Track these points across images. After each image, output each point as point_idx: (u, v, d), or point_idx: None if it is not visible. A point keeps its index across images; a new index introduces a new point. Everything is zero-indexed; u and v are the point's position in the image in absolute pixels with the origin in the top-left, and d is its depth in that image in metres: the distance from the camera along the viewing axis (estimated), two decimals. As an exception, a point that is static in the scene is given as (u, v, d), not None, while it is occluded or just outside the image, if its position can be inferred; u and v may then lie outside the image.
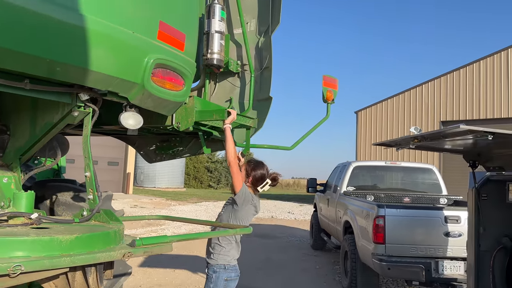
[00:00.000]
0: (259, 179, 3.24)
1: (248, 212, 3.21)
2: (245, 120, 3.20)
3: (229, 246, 3.19)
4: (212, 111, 2.95)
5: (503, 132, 2.34)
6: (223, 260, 3.18)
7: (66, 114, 2.24)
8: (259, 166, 3.28)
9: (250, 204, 3.19)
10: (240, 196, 3.09)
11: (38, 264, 1.47)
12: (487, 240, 3.54)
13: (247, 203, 3.15)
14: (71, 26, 1.85)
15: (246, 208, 3.17)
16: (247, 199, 3.14)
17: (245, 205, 3.14)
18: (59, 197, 3.54)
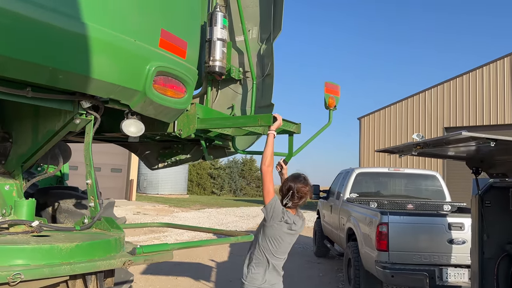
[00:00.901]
0: (287, 189, 2.89)
1: (279, 230, 2.80)
2: (288, 126, 3.02)
3: (262, 268, 2.85)
4: (257, 117, 2.80)
5: (505, 138, 2.33)
6: (252, 284, 2.85)
7: (68, 122, 2.25)
8: (296, 178, 2.91)
9: (281, 221, 2.79)
10: (267, 209, 2.77)
11: (38, 272, 1.47)
12: (491, 247, 3.51)
13: (276, 218, 2.77)
14: (72, 34, 1.86)
15: (276, 225, 2.78)
16: (276, 214, 2.77)
17: (274, 221, 2.78)
18: (61, 204, 3.54)
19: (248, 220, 16.80)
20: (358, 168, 7.76)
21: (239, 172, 41.30)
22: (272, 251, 2.85)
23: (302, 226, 2.94)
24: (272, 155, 2.79)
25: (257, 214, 19.46)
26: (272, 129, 2.78)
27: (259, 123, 2.78)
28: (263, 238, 2.84)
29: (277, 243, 2.83)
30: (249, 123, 2.84)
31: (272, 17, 3.56)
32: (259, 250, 2.87)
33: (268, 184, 2.76)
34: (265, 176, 2.76)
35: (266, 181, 2.76)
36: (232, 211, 20.66)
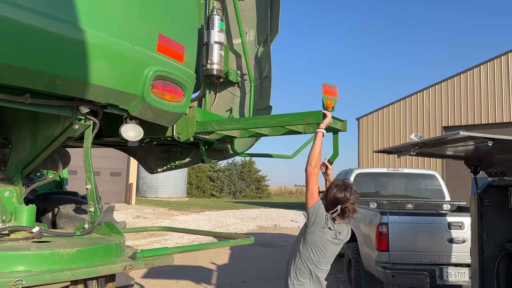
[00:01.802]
0: (333, 201, 2.63)
1: (322, 237, 2.57)
2: (334, 123, 2.85)
3: (306, 279, 2.63)
4: (304, 114, 2.60)
5: (503, 138, 2.34)
6: None
7: (67, 127, 2.26)
8: (341, 187, 2.67)
9: (324, 227, 2.57)
10: (309, 213, 2.57)
11: (40, 278, 1.48)
12: (490, 246, 3.52)
13: (319, 224, 2.56)
14: (70, 41, 1.87)
15: (318, 232, 2.57)
16: (319, 220, 2.55)
17: (316, 227, 2.56)
18: (61, 210, 3.55)
19: (248, 222, 16.79)
20: (357, 168, 7.77)
21: (239, 174, 41.28)
22: (314, 260, 2.60)
23: (347, 235, 2.69)
24: (319, 155, 2.60)
25: (257, 216, 19.46)
26: (322, 127, 2.60)
27: (307, 121, 2.59)
28: (304, 245, 2.62)
29: (320, 252, 2.59)
30: (295, 121, 2.63)
31: (269, 20, 3.57)
32: (300, 259, 2.64)
33: (313, 186, 2.57)
34: (310, 177, 2.57)
35: (311, 182, 2.57)
36: (232, 213, 20.65)
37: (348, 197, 2.62)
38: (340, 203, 2.59)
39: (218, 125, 2.84)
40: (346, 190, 2.65)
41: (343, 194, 2.62)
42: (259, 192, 41.33)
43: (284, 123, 2.68)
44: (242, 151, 3.65)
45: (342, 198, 2.61)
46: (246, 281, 7.18)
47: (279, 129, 3.02)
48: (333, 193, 2.63)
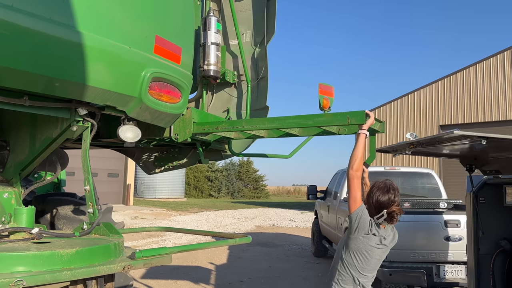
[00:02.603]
0: (376, 206, 2.50)
1: (366, 243, 2.46)
2: (374, 124, 2.73)
3: (347, 286, 2.52)
4: (346, 114, 2.50)
5: (496, 136, 2.37)
6: None
7: (65, 129, 2.27)
8: (383, 190, 2.54)
9: (368, 233, 2.45)
10: (352, 218, 2.45)
11: (40, 278, 1.50)
12: (486, 244, 3.56)
13: (362, 230, 2.44)
14: (68, 43, 1.89)
15: (361, 238, 2.45)
16: (363, 226, 2.43)
17: (359, 233, 2.45)
18: (60, 211, 3.56)
19: (246, 222, 16.81)
20: (354, 167, 7.80)
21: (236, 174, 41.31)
22: (358, 267, 2.49)
23: (393, 239, 2.57)
24: (362, 158, 2.47)
25: (255, 215, 19.49)
26: (365, 128, 2.48)
27: (349, 121, 2.48)
28: (347, 251, 2.51)
29: (364, 258, 2.47)
30: (335, 122, 2.53)
31: (265, 21, 3.60)
32: (343, 266, 2.53)
33: (356, 191, 2.44)
34: (352, 181, 2.45)
35: (353, 186, 2.44)
36: (230, 213, 20.68)
37: (392, 200, 2.49)
38: (385, 207, 2.46)
39: (248, 124, 2.77)
40: (389, 192, 2.51)
41: (386, 197, 2.49)
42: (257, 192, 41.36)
43: (323, 123, 2.58)
44: (239, 152, 3.67)
45: (386, 201, 2.48)
46: (245, 280, 7.20)
47: (311, 129, 2.92)
48: (375, 197, 2.51)
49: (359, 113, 2.46)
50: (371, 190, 2.59)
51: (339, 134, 2.84)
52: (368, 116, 2.45)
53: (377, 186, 2.58)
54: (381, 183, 2.61)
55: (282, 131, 3.00)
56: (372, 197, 2.53)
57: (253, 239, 12.10)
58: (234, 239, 2.49)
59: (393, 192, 2.52)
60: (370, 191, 2.59)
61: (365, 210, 2.46)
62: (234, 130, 2.84)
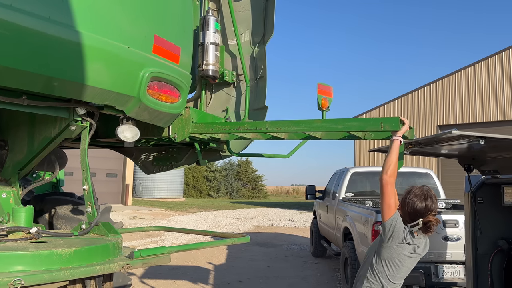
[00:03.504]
0: (412, 213, 2.39)
1: (399, 252, 2.37)
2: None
3: None
4: (380, 120, 2.43)
5: (494, 136, 2.38)
6: None
7: (64, 129, 2.27)
8: (420, 197, 2.43)
9: (402, 242, 2.35)
10: (386, 227, 2.35)
11: (38, 278, 1.50)
12: (484, 243, 3.57)
13: (396, 239, 2.34)
14: (67, 43, 1.89)
15: (395, 247, 2.36)
16: (397, 235, 2.33)
17: (393, 241, 2.36)
18: (58, 211, 3.56)
19: (245, 222, 16.82)
20: (353, 167, 7.82)
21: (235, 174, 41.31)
22: (388, 275, 2.42)
23: (425, 247, 2.48)
24: (396, 164, 2.40)
25: (253, 215, 19.50)
26: (399, 134, 2.39)
27: (382, 128, 2.39)
28: (378, 260, 2.42)
29: (395, 267, 2.38)
30: (368, 128, 2.45)
31: (263, 20, 3.60)
32: (373, 273, 2.46)
33: (389, 197, 2.35)
34: (385, 187, 2.36)
35: (387, 193, 2.35)
36: (229, 213, 20.68)
37: (430, 208, 2.38)
38: (421, 216, 2.36)
39: (272, 126, 2.69)
40: (427, 200, 2.39)
41: (423, 205, 2.38)
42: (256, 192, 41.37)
43: (355, 128, 2.50)
44: (238, 151, 3.68)
45: (423, 209, 2.37)
46: (243, 280, 7.20)
47: (334, 133, 2.79)
48: (411, 204, 2.39)
49: (393, 120, 2.39)
50: (407, 197, 2.47)
51: (365, 139, 2.74)
52: (403, 122, 2.37)
53: (414, 193, 2.46)
54: (418, 189, 2.50)
55: (304, 134, 2.87)
56: (408, 203, 2.41)
57: (252, 239, 12.11)
58: (233, 239, 2.49)
59: (430, 200, 2.41)
60: (406, 198, 2.48)
61: (399, 218, 2.36)
62: (257, 131, 2.76)
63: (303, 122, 2.66)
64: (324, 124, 2.63)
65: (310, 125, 2.64)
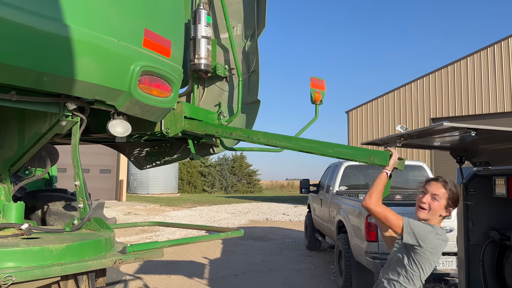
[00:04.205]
0: (456, 200, 2.42)
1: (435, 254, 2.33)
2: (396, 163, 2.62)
3: None
4: (370, 152, 2.45)
5: (485, 128, 2.39)
6: None
7: (54, 124, 2.25)
8: (452, 184, 2.45)
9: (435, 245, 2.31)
10: (406, 233, 2.27)
11: (29, 274, 1.48)
12: (476, 234, 3.60)
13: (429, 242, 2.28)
14: (57, 37, 1.87)
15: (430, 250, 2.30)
16: (424, 235, 2.27)
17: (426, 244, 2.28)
18: (51, 207, 3.54)
19: (240, 216, 16.85)
20: (346, 161, 7.84)
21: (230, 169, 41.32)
22: (421, 277, 2.34)
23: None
24: (381, 193, 2.38)
25: (248, 210, 19.54)
26: (388, 169, 2.44)
27: (371, 160, 2.43)
28: (412, 264, 2.30)
29: (431, 267, 2.32)
30: (357, 158, 2.47)
31: (255, 14, 3.58)
32: (407, 278, 2.33)
33: (386, 215, 2.31)
34: (377, 212, 2.33)
35: (384, 215, 2.31)
36: (224, 208, 20.70)
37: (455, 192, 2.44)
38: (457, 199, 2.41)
39: (264, 138, 2.72)
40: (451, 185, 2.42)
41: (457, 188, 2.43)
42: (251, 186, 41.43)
43: (344, 155, 2.52)
44: (231, 146, 3.67)
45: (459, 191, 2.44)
46: (238, 274, 7.23)
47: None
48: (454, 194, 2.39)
49: (383, 154, 2.41)
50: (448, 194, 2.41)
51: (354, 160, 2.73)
52: (391, 154, 2.41)
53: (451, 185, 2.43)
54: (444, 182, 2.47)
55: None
56: (451, 196, 2.39)
57: (247, 233, 12.15)
58: (226, 233, 2.49)
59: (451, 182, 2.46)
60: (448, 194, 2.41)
61: (414, 222, 2.30)
62: (248, 140, 2.80)
63: (294, 140, 2.68)
64: (315, 145, 2.63)
65: (302, 144, 2.66)
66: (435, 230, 2.34)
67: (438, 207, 2.39)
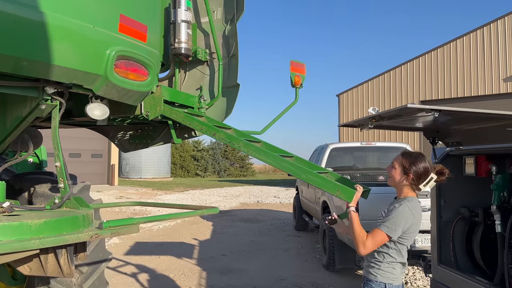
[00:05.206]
0: (422, 174, 2.55)
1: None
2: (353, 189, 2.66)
3: (393, 262, 2.51)
4: (338, 186, 2.57)
5: (447, 109, 2.51)
6: (384, 278, 2.49)
7: (34, 108, 2.33)
8: (420, 158, 2.58)
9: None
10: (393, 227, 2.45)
11: (9, 246, 1.59)
12: (448, 212, 3.76)
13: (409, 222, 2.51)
14: (33, 23, 1.94)
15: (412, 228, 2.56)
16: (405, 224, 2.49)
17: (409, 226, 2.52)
18: (37, 189, 3.63)
19: (231, 199, 17.04)
20: (332, 143, 7.98)
21: (222, 153, 41.45)
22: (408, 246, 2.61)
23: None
24: (362, 232, 2.47)
25: (240, 193, 19.74)
26: (352, 205, 2.54)
27: (338, 194, 2.55)
28: (400, 239, 2.50)
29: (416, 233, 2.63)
30: (326, 188, 2.60)
31: None
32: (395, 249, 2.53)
33: (379, 241, 2.44)
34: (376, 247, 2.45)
35: (378, 244, 2.45)
36: (216, 191, 20.89)
37: (430, 162, 2.59)
38: (432, 170, 2.55)
39: (245, 147, 2.84)
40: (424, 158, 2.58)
41: (426, 163, 2.55)
42: (243, 170, 41.67)
43: (315, 183, 2.63)
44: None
45: (428, 165, 2.55)
46: (227, 254, 7.41)
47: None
48: (420, 167, 2.53)
49: (349, 192, 2.53)
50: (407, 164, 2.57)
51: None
52: (356, 190, 2.53)
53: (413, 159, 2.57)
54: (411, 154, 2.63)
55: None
56: (415, 168, 2.53)
57: (237, 216, 12.36)
58: (202, 210, 2.61)
59: (426, 158, 2.61)
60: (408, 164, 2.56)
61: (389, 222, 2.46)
62: (230, 144, 2.91)
63: (272, 156, 2.79)
64: (291, 167, 2.74)
65: (279, 163, 2.77)
66: (409, 210, 2.52)
67: (395, 174, 2.60)
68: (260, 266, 6.59)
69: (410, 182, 2.56)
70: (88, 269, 3.43)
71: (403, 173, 2.57)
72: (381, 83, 20.39)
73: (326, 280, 5.87)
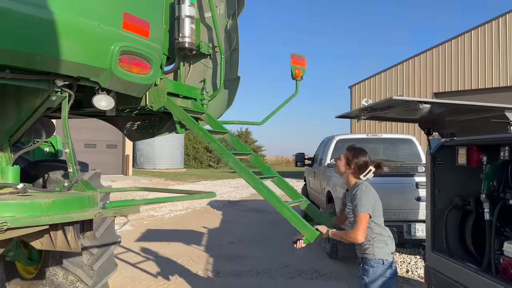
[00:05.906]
0: (361, 166, 2.90)
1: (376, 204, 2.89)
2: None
3: (382, 237, 2.83)
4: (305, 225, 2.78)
5: (431, 101, 2.64)
6: (381, 254, 2.79)
7: (46, 99, 2.54)
8: (361, 153, 2.96)
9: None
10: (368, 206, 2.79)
11: (22, 221, 1.81)
12: (441, 201, 3.88)
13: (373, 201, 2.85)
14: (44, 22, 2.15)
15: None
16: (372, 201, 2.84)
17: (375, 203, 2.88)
18: (51, 175, 3.87)
19: (242, 190, 17.27)
20: (338, 135, 8.09)
21: (235, 144, 41.61)
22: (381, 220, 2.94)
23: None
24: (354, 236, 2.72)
25: (251, 184, 19.93)
26: (327, 236, 2.86)
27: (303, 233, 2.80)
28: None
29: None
30: (294, 224, 2.82)
31: None
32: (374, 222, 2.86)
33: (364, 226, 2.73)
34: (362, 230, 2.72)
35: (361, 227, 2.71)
36: (228, 182, 21.16)
37: (370, 156, 2.96)
38: (370, 163, 2.91)
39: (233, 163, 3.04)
40: (365, 153, 2.96)
41: (366, 157, 2.92)
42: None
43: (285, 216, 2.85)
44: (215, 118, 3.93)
45: (367, 159, 2.92)
46: (235, 242, 7.63)
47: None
48: (360, 160, 2.90)
49: (313, 233, 2.75)
50: (350, 156, 2.95)
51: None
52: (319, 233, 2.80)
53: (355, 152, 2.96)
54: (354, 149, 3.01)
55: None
56: (356, 160, 2.90)
57: (247, 206, 12.58)
58: (200, 194, 2.80)
59: (367, 153, 2.98)
60: (351, 157, 2.94)
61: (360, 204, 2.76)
62: (221, 157, 3.09)
63: (254, 180, 3.00)
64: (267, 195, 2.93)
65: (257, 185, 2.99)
66: (367, 188, 2.87)
67: (340, 164, 3.02)
68: (266, 254, 6.79)
69: (352, 172, 2.93)
70: (98, 251, 3.67)
71: (346, 164, 2.97)
72: (394, 75, 20.27)
73: (329, 267, 6.04)
